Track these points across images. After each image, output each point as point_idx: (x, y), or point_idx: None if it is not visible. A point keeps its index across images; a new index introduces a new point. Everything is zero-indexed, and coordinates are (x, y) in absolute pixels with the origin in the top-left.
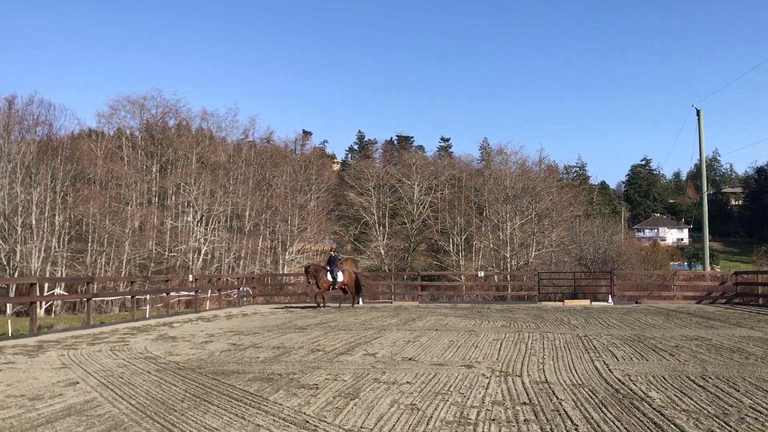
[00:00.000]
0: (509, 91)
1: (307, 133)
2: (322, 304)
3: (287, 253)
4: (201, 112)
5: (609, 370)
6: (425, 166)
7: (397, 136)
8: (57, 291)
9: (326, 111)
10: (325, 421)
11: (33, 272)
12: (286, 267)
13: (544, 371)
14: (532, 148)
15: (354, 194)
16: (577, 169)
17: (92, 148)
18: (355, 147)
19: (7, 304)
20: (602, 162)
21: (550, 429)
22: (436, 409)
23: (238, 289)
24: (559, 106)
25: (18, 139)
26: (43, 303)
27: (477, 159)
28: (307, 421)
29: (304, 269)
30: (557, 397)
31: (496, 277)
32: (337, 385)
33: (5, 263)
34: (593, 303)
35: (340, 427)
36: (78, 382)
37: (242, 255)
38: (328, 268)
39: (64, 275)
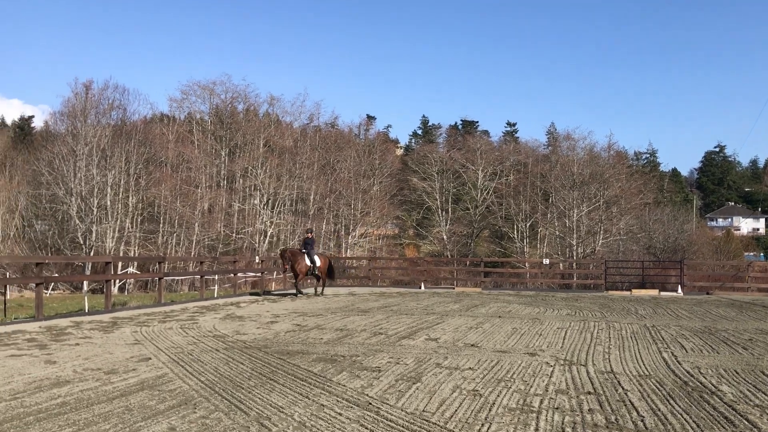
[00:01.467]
0: (578, 75)
1: (371, 118)
2: (303, 292)
3: (350, 237)
4: (268, 98)
5: (677, 361)
6: (490, 151)
7: (461, 120)
8: (130, 270)
9: (390, 96)
10: (387, 404)
11: (108, 251)
12: (348, 251)
13: (609, 361)
14: (601, 133)
15: (417, 179)
16: (648, 155)
17: (164, 132)
18: (419, 132)
19: (84, 282)
20: (674, 148)
21: (615, 419)
22: (498, 395)
23: None
24: (629, 91)
25: (94, 123)
26: (117, 281)
27: (543, 144)
28: (370, 403)
29: (279, 253)
30: (623, 388)
31: (561, 264)
32: (399, 369)
33: (82, 242)
34: (662, 293)
35: (402, 410)
36: (150, 358)
37: None
38: (304, 251)
39: (136, 255)
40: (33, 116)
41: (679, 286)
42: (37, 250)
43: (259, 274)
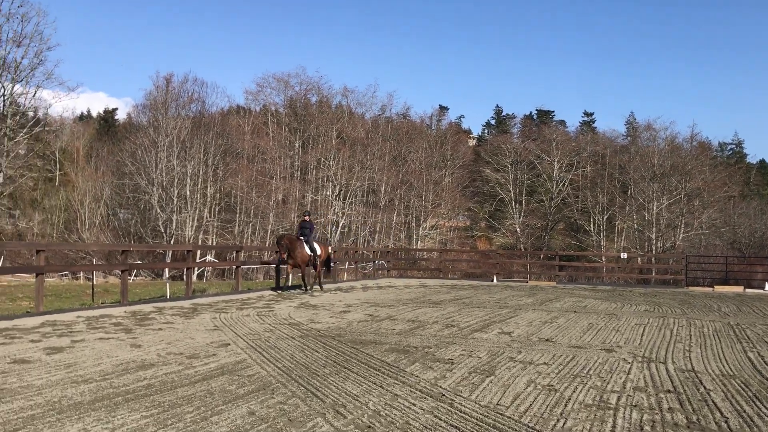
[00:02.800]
0: (659, 63)
1: (443, 109)
2: (283, 288)
3: (421, 229)
4: (342, 89)
5: (765, 362)
6: (566, 141)
7: (536, 110)
8: (208, 258)
9: (463, 85)
10: (461, 396)
11: (187, 240)
12: (419, 242)
13: (690, 359)
14: (684, 123)
15: (490, 170)
16: (734, 146)
17: (240, 123)
18: (492, 122)
19: (165, 269)
20: (763, 139)
21: (697, 419)
22: (574, 391)
23: (374, 262)
24: (714, 79)
25: (174, 116)
26: (196, 269)
27: (622, 135)
28: (443, 395)
29: (275, 240)
30: (705, 387)
31: (639, 259)
32: (472, 362)
33: (163, 231)
34: (747, 290)
35: (476, 403)
36: (229, 344)
37: (377, 229)
38: (302, 237)
39: (214, 243)
40: (117, 108)
41: (767, 283)
42: (121, 238)
43: (331, 264)
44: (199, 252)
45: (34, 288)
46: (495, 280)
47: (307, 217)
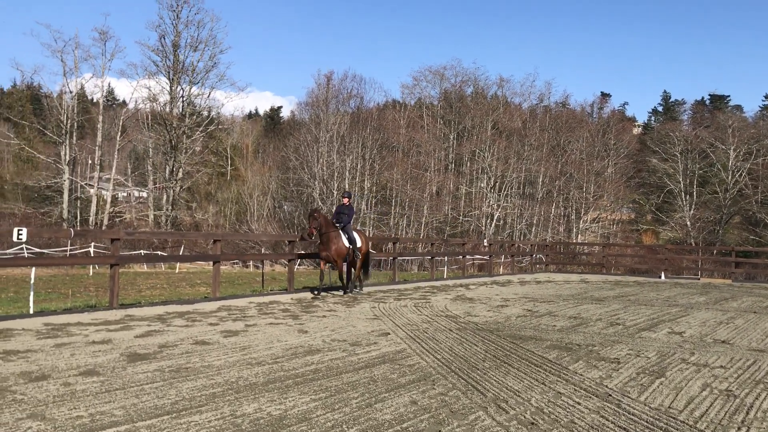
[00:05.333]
0: None
1: (605, 96)
2: (319, 289)
3: (581, 222)
4: (498, 79)
5: None
6: (744, 128)
7: (709, 95)
8: None
9: (627, 71)
10: (629, 397)
11: None
12: (579, 236)
13: None
14: None
15: (657, 160)
16: None
17: (396, 117)
18: (659, 108)
19: None
20: None
21: None
22: (756, 398)
23: (531, 255)
24: None
25: (334, 112)
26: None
27: None
28: (610, 395)
29: (308, 213)
30: None
31: None
32: (640, 362)
33: None
34: None
35: (645, 405)
36: (389, 333)
37: (534, 222)
38: (338, 224)
39: (371, 235)
40: (281, 106)
41: None
42: (286, 229)
43: (486, 257)
44: None
45: (212, 275)
46: (663, 277)
47: (346, 200)
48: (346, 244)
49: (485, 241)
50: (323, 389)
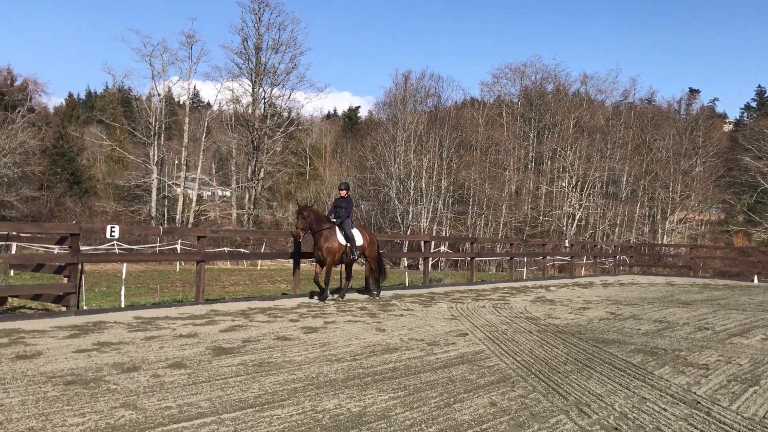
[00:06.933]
0: None
1: (694, 92)
2: (324, 294)
3: (667, 222)
4: (580, 76)
5: None
6: None
7: None
8: (442, 249)
9: (717, 66)
10: (719, 405)
11: (422, 231)
12: (665, 237)
13: None
14: None
15: (750, 158)
16: None
17: (474, 116)
18: (753, 104)
19: (403, 258)
20: None
21: None
22: None
23: (614, 257)
24: None
25: (412, 111)
26: (431, 259)
27: None
28: (699, 402)
29: (296, 211)
30: None
31: None
32: (731, 369)
33: (400, 222)
34: None
35: (737, 414)
36: (467, 334)
37: (617, 222)
38: (334, 219)
39: (448, 235)
40: (359, 107)
41: None
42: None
43: (567, 258)
44: (433, 243)
45: (291, 272)
46: (756, 281)
47: (344, 192)
48: (342, 242)
49: (566, 241)
50: (401, 387)
